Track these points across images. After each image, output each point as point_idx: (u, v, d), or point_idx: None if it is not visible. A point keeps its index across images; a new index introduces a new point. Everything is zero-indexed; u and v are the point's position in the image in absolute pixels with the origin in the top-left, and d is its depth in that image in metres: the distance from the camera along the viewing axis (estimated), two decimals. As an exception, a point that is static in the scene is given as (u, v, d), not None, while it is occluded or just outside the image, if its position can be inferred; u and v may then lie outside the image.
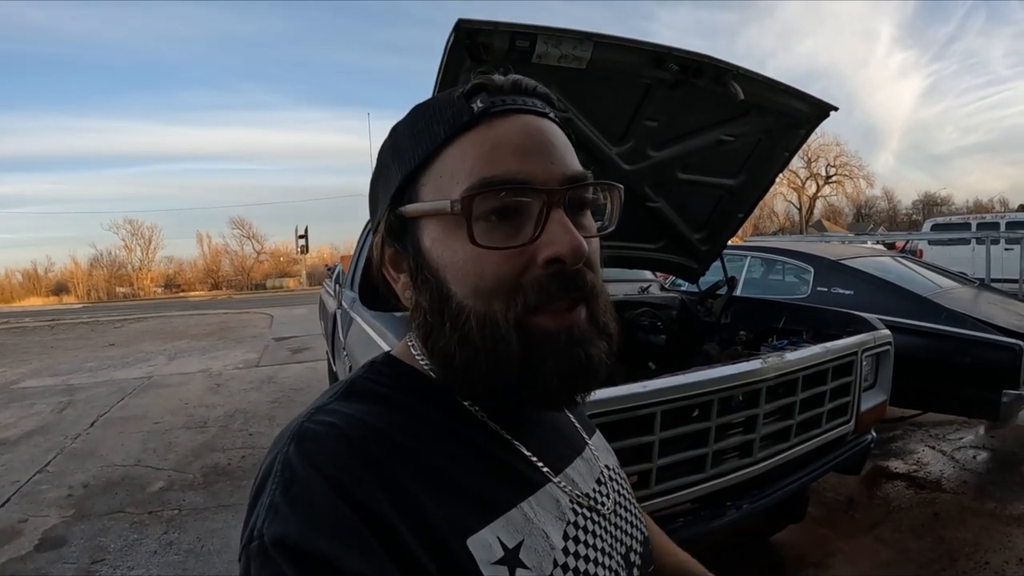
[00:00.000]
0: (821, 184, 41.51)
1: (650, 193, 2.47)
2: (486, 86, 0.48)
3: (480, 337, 0.46)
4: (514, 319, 0.45)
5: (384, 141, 0.53)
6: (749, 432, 1.84)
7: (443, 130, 0.48)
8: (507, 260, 0.45)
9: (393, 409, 0.48)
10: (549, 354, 0.46)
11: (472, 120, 0.47)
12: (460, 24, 1.50)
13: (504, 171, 0.45)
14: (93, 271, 43.61)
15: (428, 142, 0.48)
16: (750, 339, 2.77)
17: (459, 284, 0.46)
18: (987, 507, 3.03)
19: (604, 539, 0.53)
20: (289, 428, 0.46)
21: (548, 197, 0.46)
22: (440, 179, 0.47)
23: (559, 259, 0.45)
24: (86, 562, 2.78)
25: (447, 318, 0.47)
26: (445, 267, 0.47)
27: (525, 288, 0.45)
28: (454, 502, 0.44)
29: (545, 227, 0.45)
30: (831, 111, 2.36)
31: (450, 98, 0.49)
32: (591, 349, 0.47)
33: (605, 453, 0.64)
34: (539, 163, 0.46)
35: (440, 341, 0.48)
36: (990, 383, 3.08)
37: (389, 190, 0.51)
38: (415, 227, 0.49)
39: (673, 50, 1.82)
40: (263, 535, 0.39)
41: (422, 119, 0.50)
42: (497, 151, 0.46)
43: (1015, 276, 7.42)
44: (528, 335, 0.45)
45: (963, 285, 4.39)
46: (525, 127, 0.48)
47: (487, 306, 0.45)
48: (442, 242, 0.47)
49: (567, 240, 0.45)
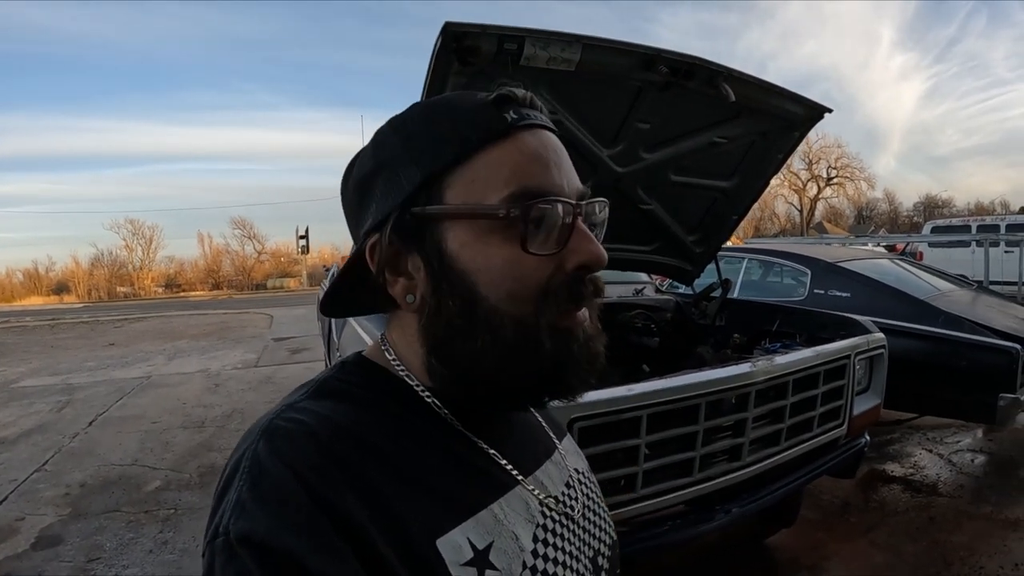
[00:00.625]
0: (822, 186, 41.50)
1: (643, 195, 2.46)
2: (514, 98, 0.50)
3: (515, 340, 0.47)
4: (547, 323, 0.47)
5: (381, 137, 0.52)
6: (738, 436, 1.83)
7: (475, 135, 0.48)
8: (542, 265, 0.47)
9: (363, 409, 0.48)
10: (572, 351, 0.49)
11: (506, 130, 0.48)
12: (448, 27, 1.50)
13: (540, 183, 0.47)
14: (94, 271, 43.74)
15: (458, 145, 0.48)
16: (744, 342, 2.76)
17: (493, 288, 0.47)
18: (983, 511, 3.02)
19: (572, 542, 0.54)
20: (258, 425, 0.46)
21: (574, 209, 0.48)
22: (472, 183, 0.48)
23: (587, 266, 0.48)
24: (82, 560, 2.79)
25: (478, 322, 0.47)
26: (478, 271, 0.47)
27: (553, 292, 0.47)
28: (423, 502, 0.44)
29: (572, 236, 0.48)
30: (825, 113, 2.36)
31: (477, 103, 0.50)
32: (598, 344, 0.51)
33: (575, 456, 0.64)
34: (563, 177, 0.49)
35: (468, 344, 0.48)
36: (987, 386, 3.07)
37: (399, 189, 0.49)
38: (436, 228, 0.48)
39: (663, 52, 1.82)
40: (229, 531, 0.39)
41: (444, 122, 0.49)
42: (533, 163, 0.48)
43: (1015, 279, 7.41)
44: (558, 335, 0.48)
45: (961, 288, 4.38)
46: (551, 143, 0.50)
47: (520, 310, 0.47)
48: (475, 246, 0.47)
49: (593, 249, 0.48)
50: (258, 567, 0.37)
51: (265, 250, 46.81)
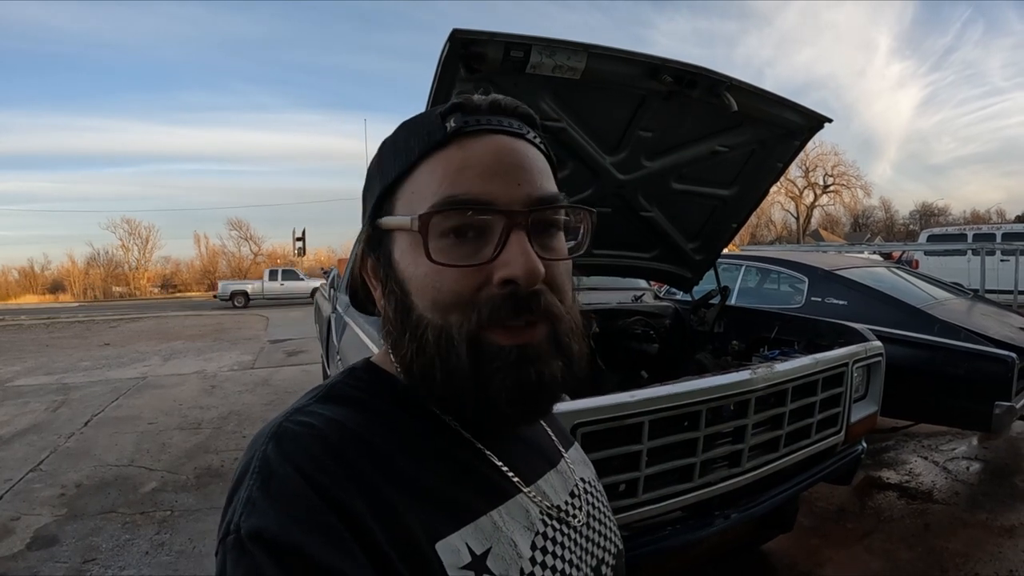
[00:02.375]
0: (819, 193, 41.69)
1: (644, 203, 2.48)
2: (463, 105, 0.50)
3: (435, 348, 0.47)
4: (467, 333, 0.46)
5: (376, 153, 0.55)
6: (738, 442, 1.84)
7: (417, 147, 0.49)
8: (464, 277, 0.47)
9: (369, 414, 0.49)
10: (498, 369, 0.46)
11: (444, 139, 0.48)
12: (455, 34, 1.51)
13: (466, 191, 0.47)
14: (90, 270, 43.61)
15: (404, 158, 0.50)
16: (742, 349, 2.78)
17: (420, 297, 0.48)
18: (978, 518, 3.04)
19: (573, 551, 0.54)
20: (267, 428, 0.47)
21: (509, 219, 0.47)
22: (412, 195, 0.49)
23: (513, 280, 0.46)
24: (77, 561, 2.77)
25: (407, 328, 0.49)
26: (408, 280, 0.49)
27: (480, 305, 0.46)
28: (425, 506, 0.45)
29: (504, 248, 0.46)
30: (825, 123, 2.38)
31: (430, 116, 0.51)
32: (543, 367, 0.47)
33: (581, 466, 0.65)
34: (504, 184, 0.47)
35: (401, 350, 0.50)
36: (982, 395, 3.09)
37: (370, 203, 0.53)
38: (388, 239, 0.51)
39: (667, 61, 1.84)
40: (240, 528, 0.40)
41: (403, 135, 0.52)
42: (464, 171, 0.47)
43: (1011, 287, 7.45)
44: (479, 349, 0.46)
45: (957, 296, 4.41)
46: (495, 148, 0.49)
47: (444, 319, 0.47)
48: (407, 256, 0.49)
49: (522, 262, 0.46)
50: (269, 562, 0.38)
51: (261, 251, 46.78)
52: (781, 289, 4.65)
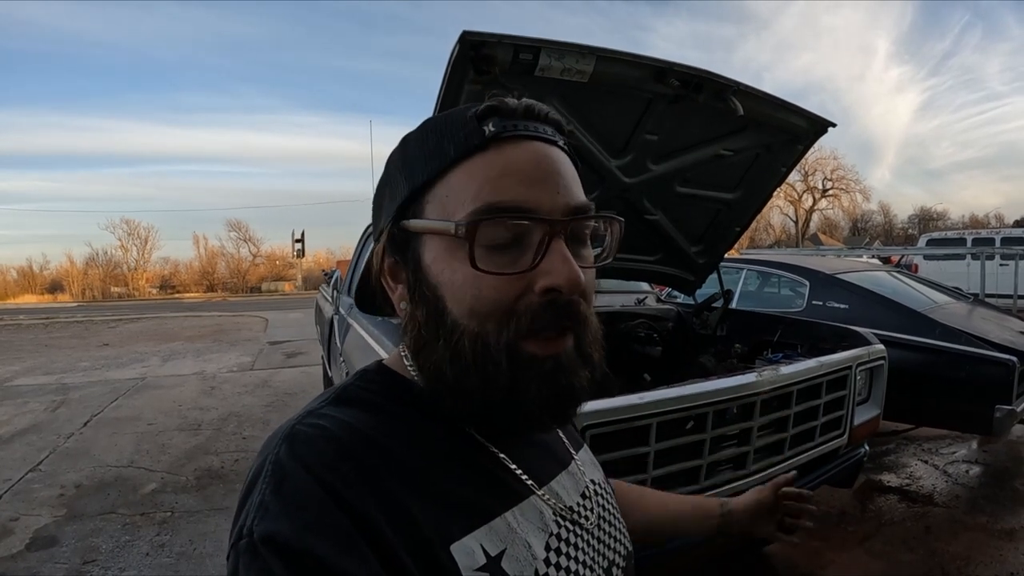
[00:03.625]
0: (818, 197, 41.77)
1: (649, 206, 2.49)
2: (499, 109, 0.49)
3: (472, 355, 0.47)
4: (505, 342, 0.46)
5: (394, 150, 0.54)
6: (743, 444, 1.85)
7: (453, 150, 0.48)
8: (505, 285, 0.46)
9: (382, 417, 0.49)
10: (534, 379, 0.47)
11: (483, 143, 0.48)
12: (465, 36, 1.52)
13: (511, 198, 0.46)
14: (88, 270, 43.53)
15: (437, 160, 0.49)
16: (745, 352, 2.78)
17: (456, 303, 0.47)
18: (979, 521, 3.04)
19: (586, 552, 0.54)
20: (280, 430, 0.47)
21: (551, 227, 0.46)
22: (446, 198, 0.48)
23: (556, 289, 0.46)
24: (77, 562, 2.76)
25: (441, 334, 0.48)
26: (443, 285, 0.48)
27: (519, 313, 0.46)
28: (439, 509, 0.45)
29: (545, 256, 0.46)
30: (829, 127, 2.39)
31: (463, 117, 0.49)
32: (574, 378, 0.48)
33: (591, 468, 0.65)
34: (545, 192, 0.47)
35: (433, 356, 0.49)
36: (983, 398, 3.10)
37: (395, 201, 0.51)
38: (417, 242, 0.50)
39: (674, 65, 1.84)
40: (252, 532, 0.40)
41: (433, 135, 0.50)
42: (505, 177, 0.47)
43: (1010, 292, 7.48)
44: (517, 358, 0.46)
45: (958, 300, 4.42)
46: (535, 154, 0.48)
47: (481, 327, 0.46)
48: (443, 260, 0.48)
49: (565, 271, 0.46)
50: (282, 566, 0.38)
51: (260, 253, 46.81)
52: (782, 293, 4.66)
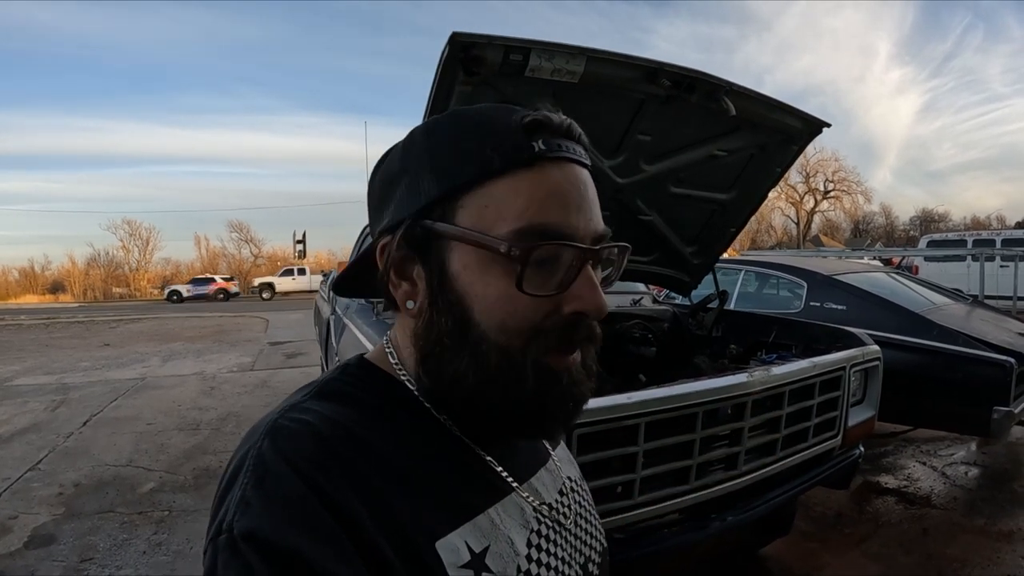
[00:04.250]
0: (819, 199, 41.72)
1: (642, 206, 2.49)
2: (546, 125, 0.48)
3: (498, 369, 0.47)
4: (533, 358, 0.47)
5: (412, 136, 0.52)
6: (734, 445, 1.85)
7: (499, 160, 0.47)
8: (538, 304, 0.47)
9: (364, 411, 0.49)
10: (555, 392, 0.49)
11: (532, 160, 0.47)
12: (455, 37, 1.52)
13: (555, 222, 0.46)
14: (90, 270, 43.65)
15: (479, 166, 0.47)
16: (740, 352, 2.78)
17: (486, 316, 0.47)
18: (976, 523, 3.04)
19: (565, 548, 0.54)
20: (262, 424, 0.46)
21: (584, 253, 0.47)
22: (485, 208, 0.47)
23: (584, 314, 0.48)
24: (75, 561, 2.77)
25: (467, 344, 0.47)
26: (474, 297, 0.47)
27: (547, 331, 0.47)
28: (423, 505, 0.45)
29: (575, 281, 0.47)
30: (824, 127, 2.39)
31: (508, 126, 0.48)
32: (584, 389, 0.51)
33: (568, 464, 0.65)
34: (583, 219, 0.48)
35: (453, 363, 0.48)
36: (981, 400, 3.09)
37: (417, 197, 0.49)
38: (443, 245, 0.48)
39: (665, 65, 1.85)
40: (233, 528, 0.39)
41: (472, 138, 0.48)
42: (551, 199, 0.47)
43: (1010, 293, 7.46)
44: (542, 373, 0.48)
45: (956, 302, 4.41)
46: (576, 179, 0.49)
47: (508, 341, 0.47)
48: (475, 272, 0.47)
49: (594, 298, 0.47)
50: (262, 564, 0.38)
51: (262, 254, 46.84)
52: (780, 294, 4.66)
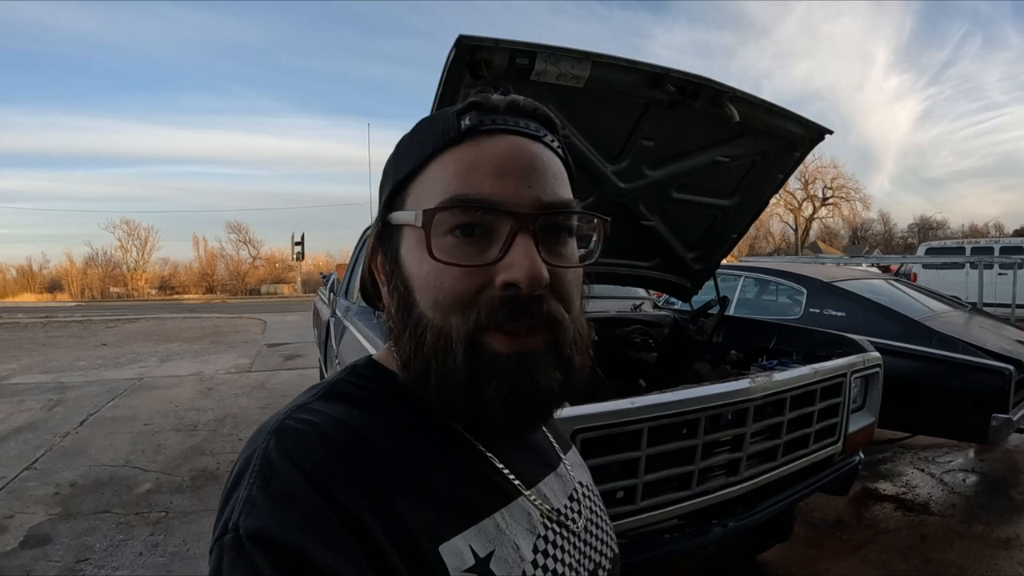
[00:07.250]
0: (817, 206, 41.84)
1: (645, 212, 2.49)
2: (480, 104, 0.49)
3: (433, 349, 0.46)
4: (465, 335, 0.45)
5: (395, 147, 0.55)
6: (736, 450, 1.85)
7: (431, 143, 0.49)
8: (466, 277, 0.46)
9: (372, 413, 0.49)
10: (495, 375, 0.45)
11: (459, 136, 0.48)
12: (461, 40, 1.52)
13: (476, 190, 0.46)
14: (88, 270, 43.64)
15: (418, 154, 0.50)
16: (740, 358, 2.79)
17: (422, 295, 0.48)
18: (974, 530, 3.04)
19: (573, 555, 0.54)
20: (268, 424, 0.46)
21: (516, 221, 0.46)
22: (422, 191, 0.49)
23: (515, 284, 0.45)
24: (71, 561, 2.76)
25: (408, 326, 0.48)
26: (412, 277, 0.48)
27: (481, 307, 0.45)
28: (428, 508, 0.45)
29: (508, 251, 0.45)
30: (826, 134, 2.40)
31: (447, 113, 0.50)
32: (540, 377, 0.46)
33: (580, 470, 0.64)
34: (514, 185, 0.46)
35: (401, 347, 0.50)
36: (980, 407, 3.09)
37: (383, 197, 0.53)
38: (398, 235, 0.51)
39: (670, 71, 1.85)
40: (239, 528, 0.39)
41: (420, 131, 0.52)
42: (475, 170, 0.47)
43: (1008, 301, 7.48)
44: (476, 352, 0.45)
45: (955, 309, 4.43)
46: (509, 148, 0.48)
47: (444, 320, 0.46)
48: (413, 253, 0.49)
49: (526, 266, 0.44)
50: (268, 564, 0.37)
51: (260, 255, 46.95)
52: (780, 300, 4.67)
